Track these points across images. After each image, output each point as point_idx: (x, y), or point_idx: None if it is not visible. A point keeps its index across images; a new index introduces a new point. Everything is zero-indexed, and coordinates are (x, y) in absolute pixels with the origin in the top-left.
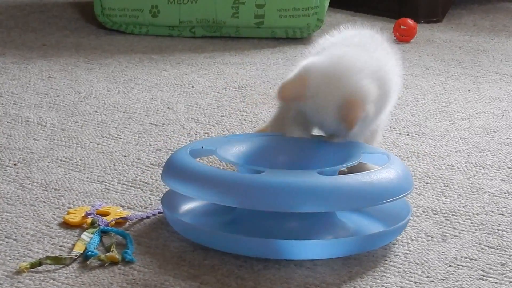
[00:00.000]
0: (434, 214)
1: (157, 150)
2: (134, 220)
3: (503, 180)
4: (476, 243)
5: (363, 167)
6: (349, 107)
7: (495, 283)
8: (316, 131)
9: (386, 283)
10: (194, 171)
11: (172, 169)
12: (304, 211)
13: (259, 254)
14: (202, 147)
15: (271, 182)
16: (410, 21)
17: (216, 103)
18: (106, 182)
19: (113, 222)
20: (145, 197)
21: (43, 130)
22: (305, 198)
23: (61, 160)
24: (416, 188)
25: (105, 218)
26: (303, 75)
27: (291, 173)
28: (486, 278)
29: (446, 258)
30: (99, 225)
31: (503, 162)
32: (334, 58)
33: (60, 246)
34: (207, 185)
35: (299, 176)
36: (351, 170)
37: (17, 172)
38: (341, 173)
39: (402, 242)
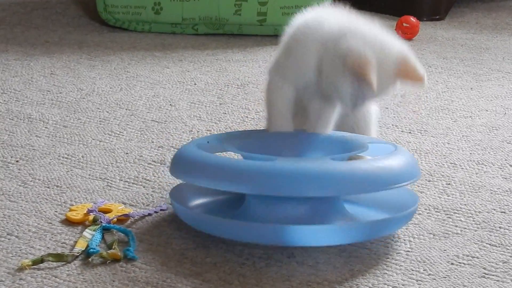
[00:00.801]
0: (436, 212)
1: (159, 147)
2: (136, 218)
3: (505, 178)
4: (478, 241)
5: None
6: (410, 67)
7: (497, 281)
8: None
9: (387, 281)
10: (206, 161)
11: (182, 161)
12: (318, 195)
13: (264, 241)
14: (208, 142)
15: (286, 168)
16: (412, 19)
17: (219, 100)
18: (108, 179)
19: (115, 219)
20: (147, 194)
21: (46, 127)
22: (320, 182)
23: (63, 157)
24: (418, 186)
25: (107, 215)
26: (371, 60)
27: (303, 159)
28: (488, 276)
29: (448, 256)
30: (101, 222)
31: (505, 160)
32: (367, 33)
33: (62, 243)
34: (220, 173)
35: (313, 162)
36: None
37: (19, 169)
38: None
39: (404, 240)
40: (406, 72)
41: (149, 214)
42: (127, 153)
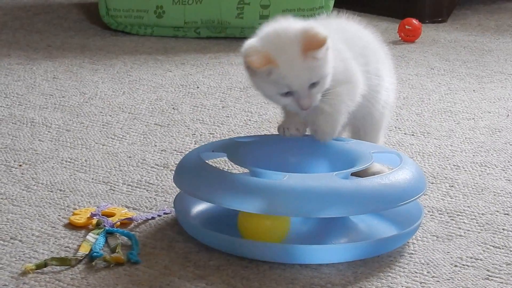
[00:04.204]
0: (439, 214)
1: (162, 150)
2: (139, 221)
3: (508, 180)
4: (482, 243)
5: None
6: (310, 35)
7: (500, 283)
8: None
9: (391, 283)
10: (212, 177)
11: (188, 176)
12: (326, 216)
13: (267, 258)
14: (213, 151)
15: (294, 188)
16: (415, 21)
17: (221, 104)
18: (111, 183)
19: (118, 223)
20: (150, 198)
21: (48, 131)
22: (331, 203)
23: (66, 161)
24: None
25: (110, 219)
26: (259, 46)
27: (312, 177)
28: (491, 278)
29: (451, 258)
30: (104, 226)
31: (508, 162)
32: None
33: (65, 247)
34: (227, 192)
35: (322, 181)
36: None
37: (22, 173)
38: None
39: (408, 242)
40: (309, 42)
41: (152, 218)
42: (130, 157)
